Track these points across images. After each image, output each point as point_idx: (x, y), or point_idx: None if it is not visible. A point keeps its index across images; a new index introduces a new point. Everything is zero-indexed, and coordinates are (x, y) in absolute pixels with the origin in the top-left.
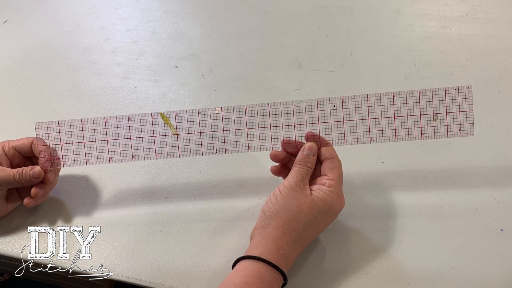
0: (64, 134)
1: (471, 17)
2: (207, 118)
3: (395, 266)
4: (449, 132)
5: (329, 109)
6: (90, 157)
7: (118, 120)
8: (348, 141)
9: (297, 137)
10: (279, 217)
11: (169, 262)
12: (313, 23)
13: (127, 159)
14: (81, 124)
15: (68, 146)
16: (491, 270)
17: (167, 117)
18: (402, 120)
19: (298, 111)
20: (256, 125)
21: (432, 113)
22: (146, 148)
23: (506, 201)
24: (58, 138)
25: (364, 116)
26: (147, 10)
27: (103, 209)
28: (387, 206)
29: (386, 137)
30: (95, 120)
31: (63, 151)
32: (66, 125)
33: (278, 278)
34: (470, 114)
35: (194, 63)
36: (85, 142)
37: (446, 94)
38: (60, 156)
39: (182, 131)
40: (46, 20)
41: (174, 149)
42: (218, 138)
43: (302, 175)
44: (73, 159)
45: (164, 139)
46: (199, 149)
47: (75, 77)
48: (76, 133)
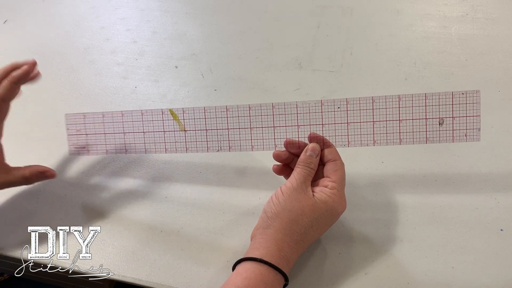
0: (88, 125)
1: (471, 17)
2: (212, 116)
3: (395, 266)
4: (455, 137)
5: (333, 110)
6: (109, 148)
7: (133, 115)
8: (351, 143)
9: (300, 137)
10: (281, 218)
11: (169, 262)
12: (313, 23)
13: (141, 151)
14: (102, 117)
15: (92, 136)
16: (491, 270)
17: (176, 113)
18: (407, 123)
19: (302, 112)
20: (259, 124)
21: (438, 117)
22: (157, 142)
23: (506, 201)
24: (84, 129)
25: (368, 119)
26: (147, 10)
27: (103, 209)
28: (387, 206)
29: (391, 140)
30: (113, 114)
31: (88, 141)
32: (89, 117)
33: (280, 279)
34: (477, 119)
35: (194, 63)
36: (105, 134)
37: (453, 98)
38: (85, 145)
39: (189, 127)
40: (46, 20)
41: (182, 144)
42: (222, 136)
43: (304, 176)
44: (96, 149)
45: (173, 134)
46: (204, 146)
47: (75, 77)
48: (98, 125)
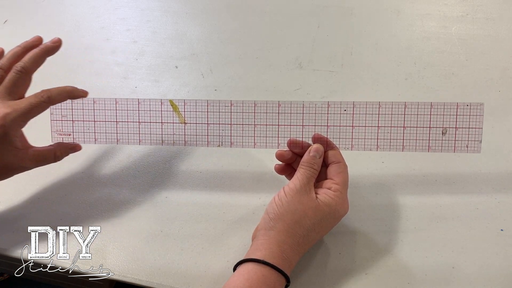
0: (76, 111)
1: (471, 17)
2: (215, 110)
3: (395, 266)
4: (456, 148)
5: (339, 112)
6: (99, 136)
7: (128, 103)
8: (355, 146)
9: (304, 138)
10: (284, 220)
11: (169, 262)
12: (313, 23)
13: (134, 142)
14: (93, 103)
15: (79, 123)
16: (491, 270)
17: (176, 104)
18: (411, 130)
19: (307, 112)
20: (264, 122)
21: (442, 126)
22: (153, 134)
23: (506, 201)
24: (71, 114)
25: (374, 124)
26: (147, 10)
27: (103, 209)
28: (387, 206)
29: (394, 146)
30: (106, 101)
31: (74, 128)
32: (78, 102)
33: (281, 281)
34: (479, 132)
35: (194, 63)
36: (95, 121)
37: (458, 109)
38: (71, 132)
39: (190, 120)
40: (46, 20)
41: (180, 137)
42: (224, 131)
43: (308, 178)
44: (82, 137)
45: (172, 126)
46: (204, 140)
47: (75, 77)
48: (88, 111)
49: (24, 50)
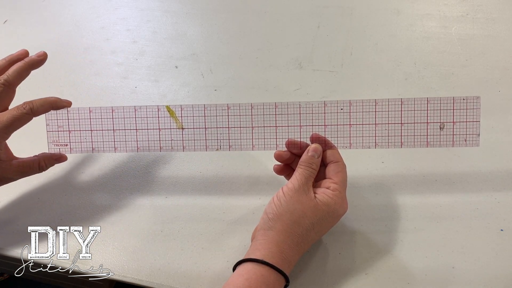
0: (72, 121)
1: (471, 17)
2: (212, 114)
3: (395, 266)
4: (455, 142)
5: (336, 111)
6: (96, 145)
7: (125, 111)
8: (353, 145)
9: (302, 138)
10: (282, 220)
11: (169, 262)
12: (313, 23)
13: (132, 149)
14: (89, 112)
15: (76, 133)
16: (491, 270)
17: (173, 110)
18: (408, 126)
19: (304, 112)
20: (261, 123)
21: (439, 121)
22: (151, 140)
23: (506, 201)
24: (67, 124)
25: (371, 121)
26: (147, 10)
27: (103, 209)
28: (387, 206)
29: (392, 143)
30: (102, 110)
31: (71, 138)
32: (74, 112)
33: (281, 280)
34: (477, 125)
35: (194, 63)
36: (92, 131)
37: (454, 103)
38: (68, 142)
39: (187, 125)
40: (46, 20)
41: (178, 143)
42: (222, 134)
43: (306, 177)
44: (80, 147)
45: (169, 132)
46: (203, 145)
47: (75, 77)
48: (84, 121)
49: (9, 63)
